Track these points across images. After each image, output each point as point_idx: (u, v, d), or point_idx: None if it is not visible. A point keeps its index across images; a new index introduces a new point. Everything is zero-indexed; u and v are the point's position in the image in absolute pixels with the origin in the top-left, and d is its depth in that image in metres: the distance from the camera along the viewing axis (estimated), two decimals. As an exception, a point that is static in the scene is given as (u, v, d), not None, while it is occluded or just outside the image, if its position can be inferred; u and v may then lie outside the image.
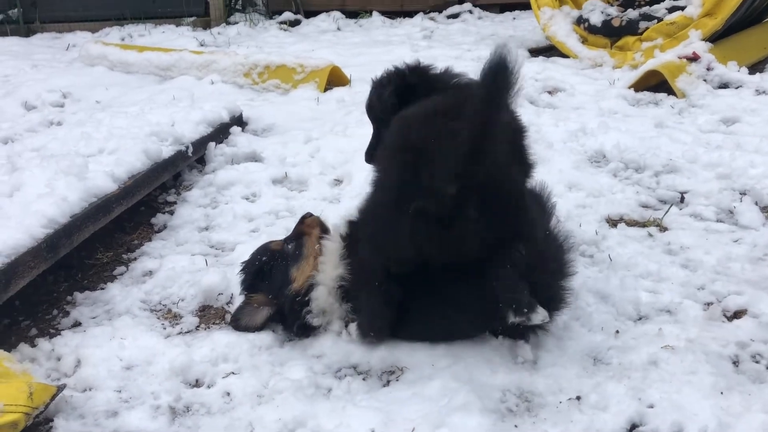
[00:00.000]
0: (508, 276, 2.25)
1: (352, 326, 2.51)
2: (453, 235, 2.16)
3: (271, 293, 2.60)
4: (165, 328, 2.71)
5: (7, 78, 6.45)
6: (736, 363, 2.32)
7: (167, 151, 3.85)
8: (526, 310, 2.24)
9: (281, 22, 9.38)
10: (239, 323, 2.60)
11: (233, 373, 2.40)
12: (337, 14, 9.60)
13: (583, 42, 6.58)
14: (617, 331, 2.50)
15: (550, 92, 5.43)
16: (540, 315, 2.27)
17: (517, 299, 2.26)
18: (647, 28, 6.18)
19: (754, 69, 5.61)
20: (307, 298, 2.53)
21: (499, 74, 1.93)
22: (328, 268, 2.56)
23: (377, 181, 2.34)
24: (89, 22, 9.33)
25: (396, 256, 2.29)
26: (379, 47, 7.41)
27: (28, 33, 9.10)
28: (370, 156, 2.75)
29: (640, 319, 2.61)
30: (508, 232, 2.21)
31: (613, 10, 6.62)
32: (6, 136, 4.52)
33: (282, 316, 2.59)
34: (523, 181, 2.39)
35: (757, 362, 2.32)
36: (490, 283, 2.24)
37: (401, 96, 2.60)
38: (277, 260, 2.65)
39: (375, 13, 9.55)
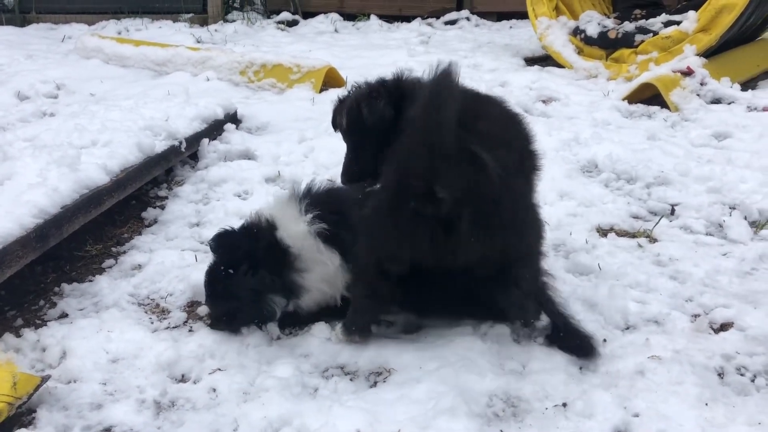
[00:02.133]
0: (516, 296, 2.39)
1: (338, 327, 2.52)
2: (447, 241, 2.18)
3: None
4: (153, 323, 2.70)
5: (1, 67, 6.40)
6: (721, 375, 2.33)
7: (160, 145, 3.83)
8: (533, 321, 2.54)
9: (279, 22, 9.37)
10: None
11: (220, 369, 2.39)
12: (335, 16, 9.59)
13: (578, 53, 6.60)
14: (605, 340, 2.51)
15: (544, 101, 5.44)
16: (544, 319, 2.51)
17: (526, 315, 2.50)
18: (643, 41, 6.21)
19: (746, 86, 5.65)
20: None
21: (442, 77, 2.04)
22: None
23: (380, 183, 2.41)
24: (86, 15, 9.29)
25: (391, 255, 2.30)
26: (376, 51, 7.42)
27: (23, 23, 9.04)
28: (348, 177, 2.59)
29: (627, 328, 2.62)
30: (508, 251, 2.26)
31: (610, 23, 6.66)
32: (-2, 125, 4.49)
33: None
34: (529, 190, 2.42)
35: (741, 375, 2.33)
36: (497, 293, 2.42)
37: (397, 107, 2.44)
38: None
39: (373, 17, 9.54)
